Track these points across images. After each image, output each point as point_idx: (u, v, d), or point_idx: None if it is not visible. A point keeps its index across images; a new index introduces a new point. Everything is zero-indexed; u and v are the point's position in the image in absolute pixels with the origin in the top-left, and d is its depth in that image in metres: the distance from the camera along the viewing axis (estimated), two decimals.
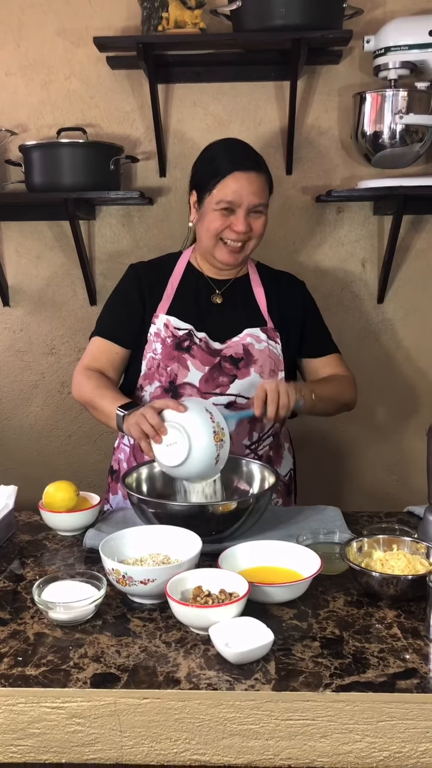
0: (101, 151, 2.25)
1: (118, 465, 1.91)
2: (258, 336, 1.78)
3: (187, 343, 1.76)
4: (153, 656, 1.10)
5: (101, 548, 1.28)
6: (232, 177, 1.68)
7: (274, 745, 1.02)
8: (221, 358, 1.76)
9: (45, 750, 1.04)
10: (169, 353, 1.76)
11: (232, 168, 1.69)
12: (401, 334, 2.50)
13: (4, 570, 1.41)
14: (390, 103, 2.14)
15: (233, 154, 1.73)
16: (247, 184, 1.68)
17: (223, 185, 1.69)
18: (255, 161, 1.72)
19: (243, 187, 1.68)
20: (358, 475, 2.60)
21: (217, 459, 1.47)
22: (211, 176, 1.71)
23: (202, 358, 1.75)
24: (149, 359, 1.79)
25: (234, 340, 1.77)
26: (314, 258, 2.45)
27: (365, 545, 1.36)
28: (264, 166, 1.74)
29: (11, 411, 2.59)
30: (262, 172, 1.72)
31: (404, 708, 1.01)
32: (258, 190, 1.70)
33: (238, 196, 1.68)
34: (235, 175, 1.68)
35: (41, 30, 2.34)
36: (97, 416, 1.75)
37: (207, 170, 1.73)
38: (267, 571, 1.31)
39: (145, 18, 2.19)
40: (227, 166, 1.69)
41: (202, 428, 1.45)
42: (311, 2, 2.07)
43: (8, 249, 2.49)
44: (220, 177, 1.69)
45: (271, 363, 1.78)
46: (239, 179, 1.68)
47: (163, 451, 1.48)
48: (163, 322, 1.78)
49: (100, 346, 1.82)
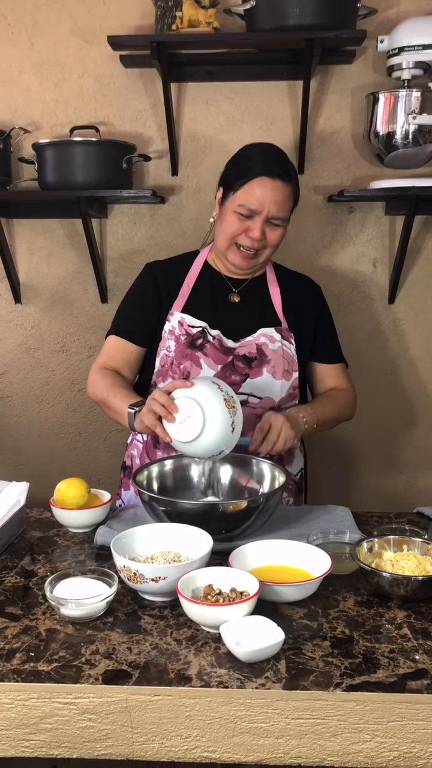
0: (114, 150, 2.25)
1: (130, 461, 1.91)
2: (272, 336, 1.79)
3: (201, 341, 1.76)
4: (164, 653, 1.10)
5: (113, 545, 1.29)
6: (259, 181, 1.67)
7: (284, 743, 1.02)
8: (234, 357, 1.76)
9: (57, 745, 1.05)
10: (182, 351, 1.76)
11: (260, 171, 1.67)
12: (412, 334, 2.49)
13: (16, 566, 1.42)
14: (403, 103, 2.14)
15: (265, 158, 1.71)
16: (271, 192, 1.67)
17: (248, 187, 1.68)
18: (285, 170, 1.70)
19: (267, 194, 1.67)
20: (368, 475, 2.60)
21: (233, 426, 1.46)
22: (238, 176, 1.70)
23: (215, 356, 1.75)
24: (163, 356, 1.79)
25: (248, 339, 1.78)
26: (325, 258, 2.45)
27: (375, 545, 1.36)
28: (294, 178, 1.73)
29: (22, 408, 2.60)
30: (290, 183, 1.71)
31: (415, 708, 1.01)
32: (281, 201, 1.68)
33: (260, 202, 1.67)
34: (262, 180, 1.67)
35: (55, 28, 2.35)
36: (110, 415, 1.76)
37: (237, 169, 1.72)
38: (277, 571, 1.31)
39: (159, 17, 2.19)
40: (256, 169, 1.68)
41: (212, 397, 1.45)
42: (325, 2, 2.07)
43: (20, 246, 2.50)
44: (247, 179, 1.68)
45: (285, 363, 1.78)
46: (265, 185, 1.67)
47: (178, 428, 1.47)
48: (177, 319, 1.78)
49: (115, 344, 1.83)
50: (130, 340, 1.82)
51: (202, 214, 2.42)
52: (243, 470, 1.67)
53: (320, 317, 1.88)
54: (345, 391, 1.88)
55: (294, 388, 1.81)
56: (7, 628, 1.18)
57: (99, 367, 1.81)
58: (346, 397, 1.88)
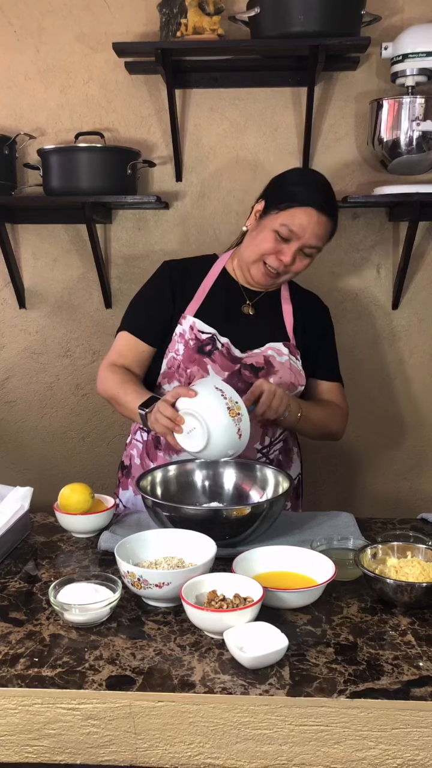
0: (118, 156, 2.26)
1: (129, 461, 1.91)
2: (280, 350, 1.79)
3: (209, 347, 1.76)
4: (168, 659, 1.10)
5: (116, 550, 1.29)
6: (305, 210, 1.67)
7: (287, 750, 1.02)
8: (242, 365, 1.76)
9: (60, 751, 1.05)
10: (190, 356, 1.76)
11: (310, 202, 1.68)
12: (415, 340, 2.49)
13: (20, 571, 1.42)
14: (407, 109, 2.14)
15: (317, 190, 1.72)
16: (315, 224, 1.68)
17: (293, 212, 1.68)
18: (332, 207, 1.72)
19: (311, 224, 1.67)
20: (371, 481, 2.60)
21: (239, 433, 1.50)
22: (286, 197, 1.70)
23: (222, 363, 1.75)
24: (170, 359, 1.79)
25: (255, 351, 1.78)
26: (329, 263, 2.45)
27: (379, 552, 1.36)
28: (336, 216, 1.74)
29: (26, 413, 2.61)
30: (333, 220, 1.72)
31: (419, 716, 1.01)
32: (321, 234, 1.70)
33: (302, 230, 1.68)
34: (309, 211, 1.67)
35: (60, 35, 2.36)
36: (121, 411, 1.76)
37: (286, 190, 1.72)
38: (281, 577, 1.31)
39: (164, 24, 2.20)
40: (307, 197, 1.68)
41: (215, 408, 1.48)
42: (329, 9, 2.07)
43: (25, 252, 2.50)
44: (295, 204, 1.68)
45: (292, 376, 1.79)
46: (311, 216, 1.67)
47: (186, 439, 1.52)
48: (189, 323, 1.78)
49: (128, 342, 1.81)
50: (142, 339, 1.81)
51: (206, 219, 2.43)
52: (247, 476, 1.66)
53: (325, 337, 1.90)
54: (339, 407, 1.89)
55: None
56: (11, 634, 1.18)
57: (109, 363, 1.80)
58: (338, 412, 1.88)
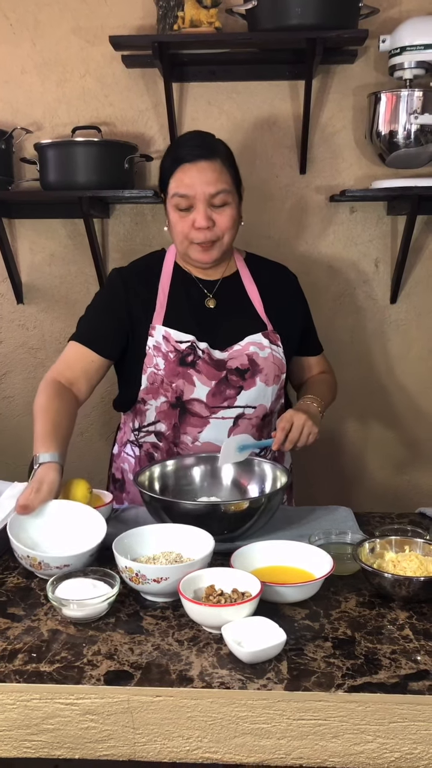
0: (115, 150, 2.25)
1: (121, 475, 1.86)
2: (260, 343, 1.73)
3: (191, 357, 1.68)
4: (166, 654, 1.10)
5: (114, 546, 1.29)
6: (181, 170, 1.60)
7: (285, 744, 1.02)
8: (227, 371, 1.70)
9: (58, 746, 1.05)
10: (173, 369, 1.68)
11: (178, 161, 1.61)
12: (414, 334, 2.49)
13: (18, 566, 1.42)
14: (405, 103, 2.14)
15: (180, 146, 1.66)
16: (197, 175, 1.59)
17: (174, 181, 1.62)
18: (205, 148, 1.62)
19: (193, 178, 1.59)
20: (370, 475, 2.60)
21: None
22: (163, 175, 1.66)
23: (208, 372, 1.69)
24: (150, 374, 1.70)
25: (236, 349, 1.71)
26: (327, 257, 2.44)
27: (377, 546, 1.36)
28: (220, 151, 1.64)
29: (24, 408, 2.60)
30: (216, 158, 1.61)
31: (416, 710, 1.01)
32: (212, 179, 1.59)
33: (190, 188, 1.59)
34: (184, 168, 1.60)
35: (57, 28, 2.35)
36: None
37: (162, 170, 1.68)
38: (279, 571, 1.31)
39: (161, 17, 2.19)
40: (173, 160, 1.63)
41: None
42: (327, 2, 2.06)
43: (22, 246, 2.50)
44: (170, 173, 1.63)
45: (276, 369, 1.75)
46: (188, 171, 1.60)
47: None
48: (161, 334, 1.69)
49: (77, 352, 1.71)
50: (92, 349, 1.70)
51: None
52: (245, 471, 1.66)
53: (301, 312, 1.86)
54: (331, 374, 1.96)
55: (281, 388, 1.81)
56: (9, 629, 1.18)
57: (51, 379, 1.67)
58: (333, 380, 1.95)
